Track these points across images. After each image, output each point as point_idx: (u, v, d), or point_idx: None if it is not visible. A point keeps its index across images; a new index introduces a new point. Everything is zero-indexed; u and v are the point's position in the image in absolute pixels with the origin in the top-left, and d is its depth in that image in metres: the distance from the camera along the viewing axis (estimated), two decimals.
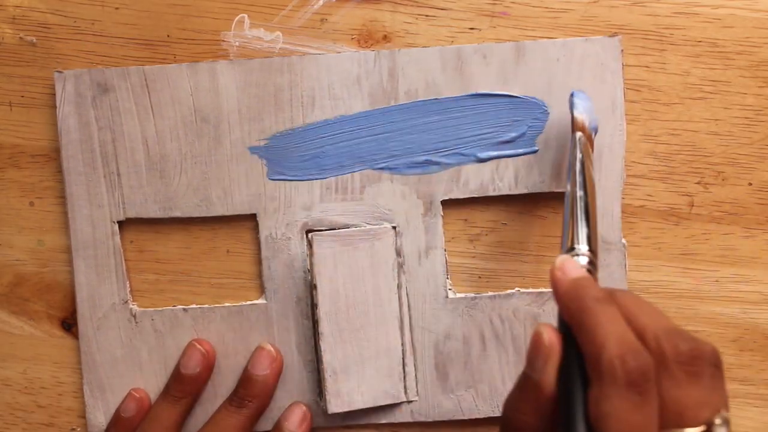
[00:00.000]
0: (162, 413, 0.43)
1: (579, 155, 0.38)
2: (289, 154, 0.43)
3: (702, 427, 0.28)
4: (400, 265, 0.43)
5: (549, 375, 0.30)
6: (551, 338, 0.31)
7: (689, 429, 0.28)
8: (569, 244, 0.35)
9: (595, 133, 0.41)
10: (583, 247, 0.34)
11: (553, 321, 0.44)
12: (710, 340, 0.44)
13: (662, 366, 0.29)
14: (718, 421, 0.28)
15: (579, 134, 0.39)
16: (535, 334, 0.31)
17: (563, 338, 0.31)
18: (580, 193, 0.36)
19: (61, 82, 0.43)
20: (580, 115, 0.40)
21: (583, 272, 0.33)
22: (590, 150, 0.39)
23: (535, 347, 0.31)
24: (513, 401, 0.32)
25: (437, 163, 0.43)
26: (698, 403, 0.29)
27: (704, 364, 0.29)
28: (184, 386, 0.43)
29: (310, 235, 0.42)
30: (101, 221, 0.44)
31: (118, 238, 0.44)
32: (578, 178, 0.37)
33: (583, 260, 0.34)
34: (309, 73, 0.43)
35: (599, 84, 0.43)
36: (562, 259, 0.33)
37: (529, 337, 0.43)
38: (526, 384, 0.31)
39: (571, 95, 0.41)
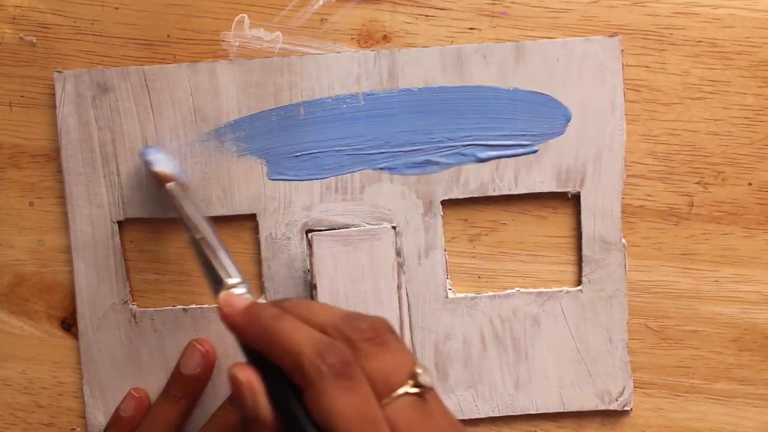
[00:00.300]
0: (162, 413, 0.43)
1: (181, 203, 0.39)
2: (289, 154, 0.43)
3: (410, 382, 0.31)
4: (400, 265, 0.43)
5: (262, 406, 0.32)
6: (246, 374, 0.32)
7: (400, 389, 0.31)
8: (219, 280, 0.36)
9: (181, 174, 0.42)
10: (233, 279, 0.36)
11: (554, 320, 0.44)
12: (710, 340, 0.44)
13: (354, 348, 0.31)
14: (419, 371, 0.32)
15: (170, 184, 0.40)
16: (230, 378, 0.33)
17: (257, 367, 0.33)
18: (199, 235, 0.38)
19: (61, 82, 0.43)
20: (162, 168, 0.41)
21: (248, 300, 0.35)
22: (186, 190, 0.41)
23: (238, 389, 0.32)
24: None
25: (437, 163, 0.43)
26: (396, 365, 0.32)
27: (384, 332, 0.33)
28: (184, 386, 0.43)
29: (310, 235, 0.42)
30: (101, 221, 0.44)
31: (118, 238, 0.44)
32: (192, 224, 0.38)
33: (241, 289, 0.35)
34: (309, 73, 0.43)
35: (599, 84, 0.43)
36: (224, 295, 0.35)
37: (529, 336, 0.43)
38: (247, 427, 0.32)
39: (141, 154, 0.42)
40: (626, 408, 0.44)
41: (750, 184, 0.44)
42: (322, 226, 0.43)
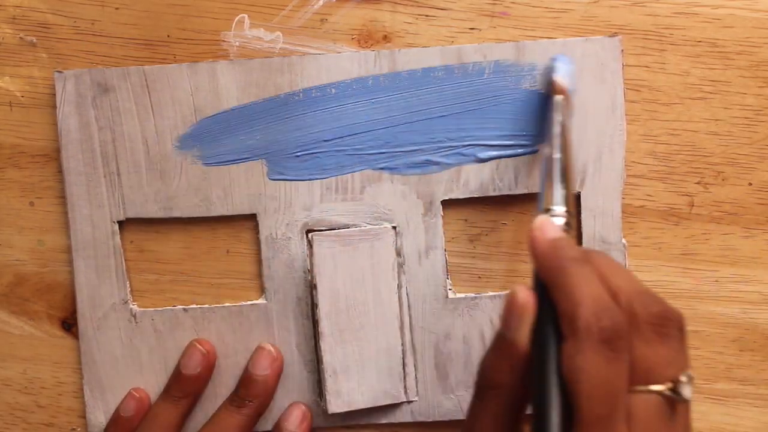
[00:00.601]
0: (162, 413, 0.43)
1: (559, 118, 0.38)
2: (289, 153, 0.43)
3: (668, 384, 0.30)
4: (400, 265, 0.43)
5: (523, 333, 0.31)
6: (525, 298, 0.32)
7: (657, 386, 0.30)
8: (546, 205, 0.35)
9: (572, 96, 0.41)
10: (559, 208, 0.35)
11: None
12: (710, 340, 0.44)
13: (633, 326, 0.30)
14: (683, 378, 0.30)
15: (559, 97, 0.39)
16: (510, 294, 0.32)
17: (538, 297, 0.32)
18: (558, 155, 0.37)
19: (61, 82, 0.43)
20: (562, 79, 0.40)
21: (561, 233, 0.34)
22: (568, 113, 0.40)
23: (510, 307, 0.32)
24: (488, 360, 0.33)
25: (437, 163, 0.43)
26: (666, 362, 0.30)
27: (672, 326, 0.31)
28: (185, 386, 0.43)
29: (310, 235, 0.42)
30: (101, 221, 0.44)
31: (118, 238, 0.44)
32: (556, 141, 0.38)
33: (560, 221, 0.35)
34: (309, 73, 0.43)
35: (599, 84, 0.43)
36: (541, 219, 0.34)
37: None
38: (501, 343, 0.32)
39: (553, 59, 0.41)
40: None
41: (750, 184, 0.44)
42: (323, 226, 0.43)
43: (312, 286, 0.43)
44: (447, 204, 0.44)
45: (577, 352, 0.29)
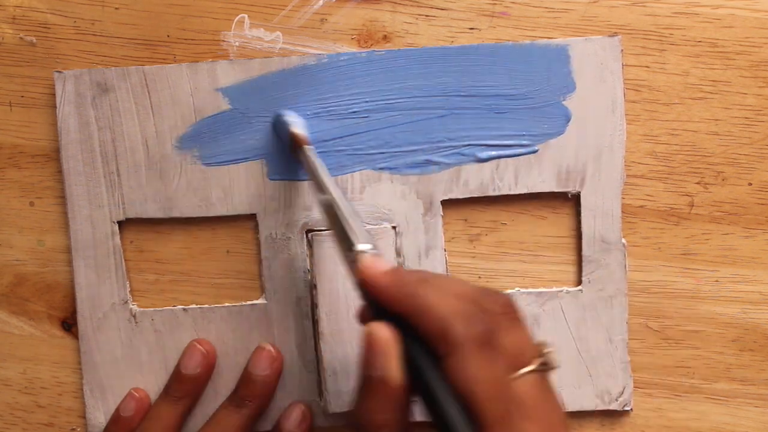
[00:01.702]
0: (162, 413, 0.43)
1: (315, 166, 0.38)
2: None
3: (539, 359, 0.32)
4: (400, 265, 0.43)
5: (393, 368, 0.31)
6: (385, 333, 0.32)
7: (531, 365, 0.31)
8: (354, 246, 0.35)
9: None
10: (365, 245, 0.34)
11: (554, 320, 0.44)
12: (710, 340, 0.44)
13: (493, 321, 0.32)
14: (549, 349, 0.32)
15: (309, 147, 0.40)
16: (366, 335, 0.32)
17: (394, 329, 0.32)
18: (332, 199, 0.36)
19: (61, 82, 0.43)
20: (300, 130, 0.41)
21: (391, 264, 0.34)
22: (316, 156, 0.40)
23: (371, 347, 0.32)
24: (365, 406, 0.32)
25: (437, 163, 0.43)
26: (527, 342, 0.32)
27: (516, 309, 0.33)
28: (185, 386, 0.43)
29: (310, 235, 0.42)
30: (101, 221, 0.44)
31: (118, 238, 0.44)
32: (325, 187, 0.37)
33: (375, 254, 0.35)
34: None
35: (599, 84, 0.43)
36: (366, 258, 0.34)
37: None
38: (371, 385, 0.32)
39: (279, 116, 0.42)
40: (626, 408, 0.44)
41: (750, 184, 0.44)
42: (323, 226, 0.43)
43: (312, 286, 0.43)
44: (447, 204, 0.44)
45: (462, 363, 0.30)
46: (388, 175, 0.43)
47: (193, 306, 0.44)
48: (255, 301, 0.44)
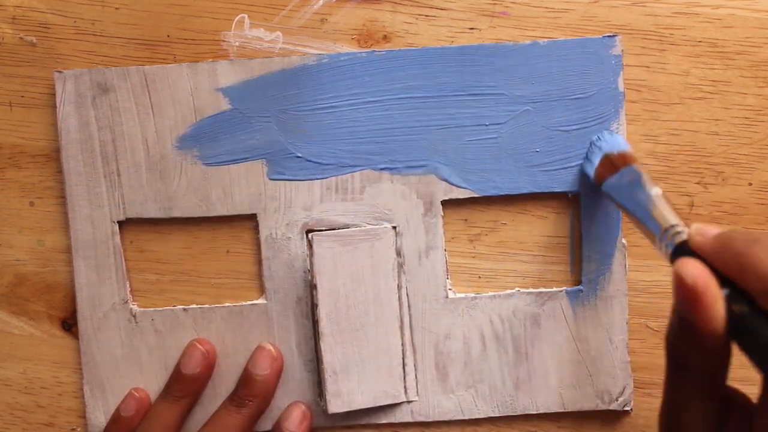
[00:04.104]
0: (162, 413, 0.43)
1: (646, 176, 0.38)
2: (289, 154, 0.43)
3: None
4: (400, 265, 0.43)
5: (719, 317, 0.30)
6: (704, 277, 0.30)
7: None
8: (675, 224, 0.34)
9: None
10: (677, 223, 0.34)
11: (554, 320, 0.44)
12: None
13: None
14: None
15: (635, 165, 0.39)
16: (678, 278, 0.30)
17: (716, 279, 0.31)
18: (655, 192, 0.36)
19: (61, 82, 0.43)
20: (625, 148, 0.41)
21: (717, 228, 0.33)
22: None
23: (691, 292, 0.30)
24: (679, 343, 0.32)
25: (437, 163, 0.43)
26: None
27: None
28: (185, 386, 0.43)
29: (310, 235, 0.42)
30: (101, 221, 0.44)
31: (118, 238, 0.44)
32: (648, 180, 0.37)
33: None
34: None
35: (599, 84, 0.43)
36: (696, 227, 0.33)
37: (529, 336, 0.43)
38: (688, 328, 0.31)
39: (598, 139, 0.42)
40: (626, 408, 0.44)
41: (750, 184, 0.44)
42: (323, 226, 0.43)
43: (312, 286, 0.43)
44: (447, 204, 0.44)
45: None
46: (388, 175, 0.43)
47: (193, 306, 0.44)
48: (255, 301, 0.44)
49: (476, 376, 0.44)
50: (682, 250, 0.33)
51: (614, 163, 0.40)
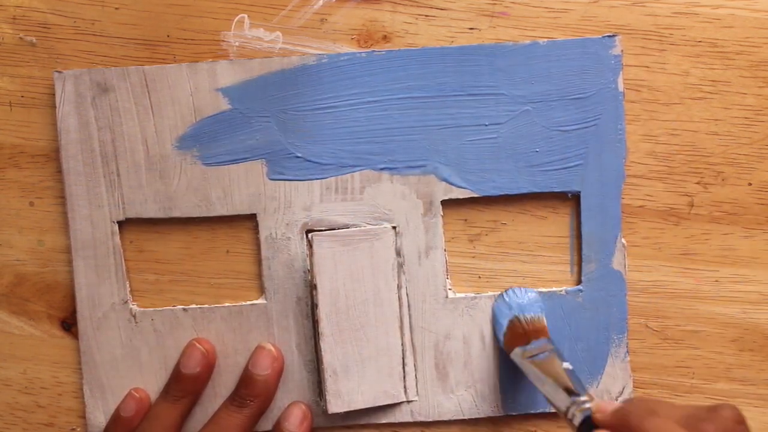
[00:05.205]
0: (162, 413, 0.43)
1: (550, 346, 0.41)
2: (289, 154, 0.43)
3: None
4: (400, 265, 0.43)
5: None
6: None
7: None
8: (577, 395, 0.37)
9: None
10: (583, 396, 0.37)
11: (554, 321, 0.44)
12: (710, 340, 0.44)
13: None
14: None
15: (545, 339, 0.42)
16: None
17: None
18: (568, 366, 0.39)
19: (60, 82, 0.43)
20: (535, 312, 0.43)
21: (616, 403, 0.35)
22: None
23: None
24: None
25: (437, 163, 0.43)
26: None
27: (743, 421, 0.34)
28: (184, 386, 0.43)
29: (310, 235, 0.42)
30: (101, 221, 0.44)
31: (117, 238, 0.44)
32: (556, 356, 0.40)
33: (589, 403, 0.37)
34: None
35: (599, 84, 0.43)
36: (596, 403, 0.36)
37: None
38: None
39: (508, 295, 0.44)
40: None
41: (750, 184, 0.44)
42: (322, 226, 0.43)
43: (312, 286, 0.43)
44: (447, 204, 0.44)
45: None
46: (388, 176, 0.43)
47: (193, 306, 0.44)
48: (255, 301, 0.44)
49: (476, 376, 0.44)
50: (589, 423, 0.36)
51: (525, 331, 0.42)
